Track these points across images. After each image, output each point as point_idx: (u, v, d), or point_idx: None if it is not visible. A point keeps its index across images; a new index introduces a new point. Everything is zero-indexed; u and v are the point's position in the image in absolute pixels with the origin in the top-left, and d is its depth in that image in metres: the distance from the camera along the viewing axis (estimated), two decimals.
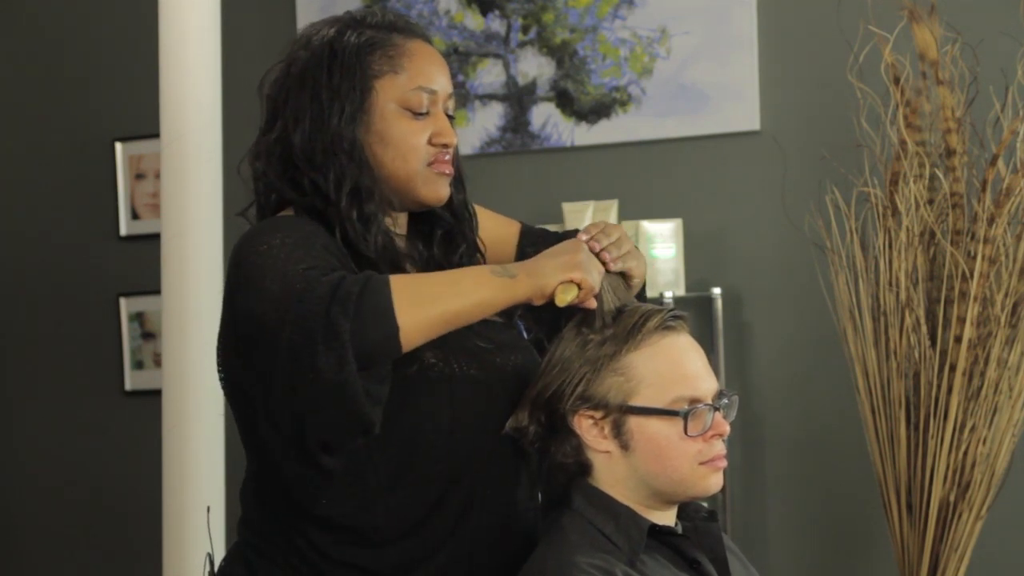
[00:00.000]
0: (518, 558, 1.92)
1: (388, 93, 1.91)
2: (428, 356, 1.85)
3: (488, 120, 3.90)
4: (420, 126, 1.92)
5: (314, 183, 1.89)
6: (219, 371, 1.92)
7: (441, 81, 1.95)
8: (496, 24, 3.89)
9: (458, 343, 1.88)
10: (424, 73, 1.93)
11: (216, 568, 2.00)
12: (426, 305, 1.75)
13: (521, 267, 1.82)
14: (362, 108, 1.90)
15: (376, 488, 1.85)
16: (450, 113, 1.97)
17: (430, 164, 1.93)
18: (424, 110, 1.92)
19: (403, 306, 1.73)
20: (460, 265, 2.00)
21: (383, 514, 1.86)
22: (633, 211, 3.70)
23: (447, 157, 1.95)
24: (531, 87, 3.86)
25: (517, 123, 3.87)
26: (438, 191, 1.95)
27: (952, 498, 3.13)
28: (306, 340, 1.70)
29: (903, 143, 3.16)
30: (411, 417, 1.83)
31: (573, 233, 2.05)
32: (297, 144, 1.90)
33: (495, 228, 2.13)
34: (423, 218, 2.01)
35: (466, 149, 3.90)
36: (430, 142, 1.93)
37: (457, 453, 1.88)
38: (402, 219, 1.99)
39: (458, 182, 2.02)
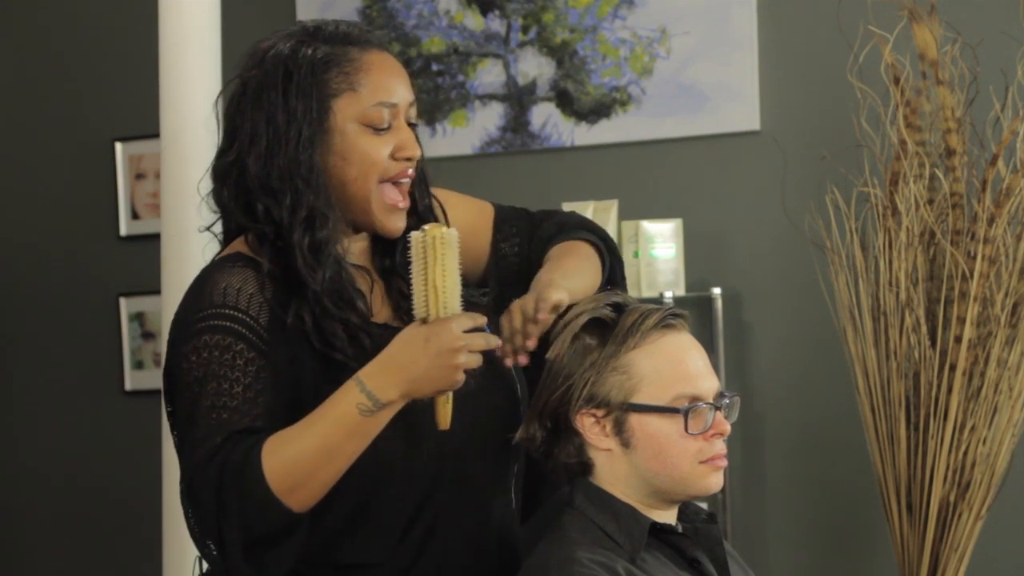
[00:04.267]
0: (493, 569, 1.92)
1: (347, 112, 1.87)
2: None
3: (488, 120, 3.90)
4: (382, 141, 1.88)
5: (268, 210, 1.86)
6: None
7: (401, 92, 1.90)
8: (496, 24, 3.89)
9: None
10: (383, 87, 1.88)
11: (204, 570, 2.00)
12: (309, 482, 1.75)
13: (396, 387, 1.76)
14: (321, 129, 1.86)
15: (335, 530, 1.85)
16: (412, 121, 1.93)
17: (393, 181, 1.89)
18: (385, 125, 1.88)
19: (286, 493, 1.75)
20: None
21: (348, 550, 1.86)
22: (633, 211, 3.70)
23: (410, 171, 1.91)
24: (531, 87, 3.86)
25: (517, 123, 3.87)
26: (393, 225, 1.91)
27: (952, 498, 3.13)
28: (202, 544, 1.80)
29: (903, 143, 3.16)
30: (365, 457, 1.80)
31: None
32: (252, 169, 1.86)
33: (466, 217, 2.06)
34: None
35: (466, 149, 3.90)
36: (392, 156, 1.89)
37: (417, 483, 1.86)
38: (362, 232, 1.95)
39: (423, 187, 1.98)
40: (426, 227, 1.79)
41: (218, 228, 2.00)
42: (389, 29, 3.96)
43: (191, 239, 3.32)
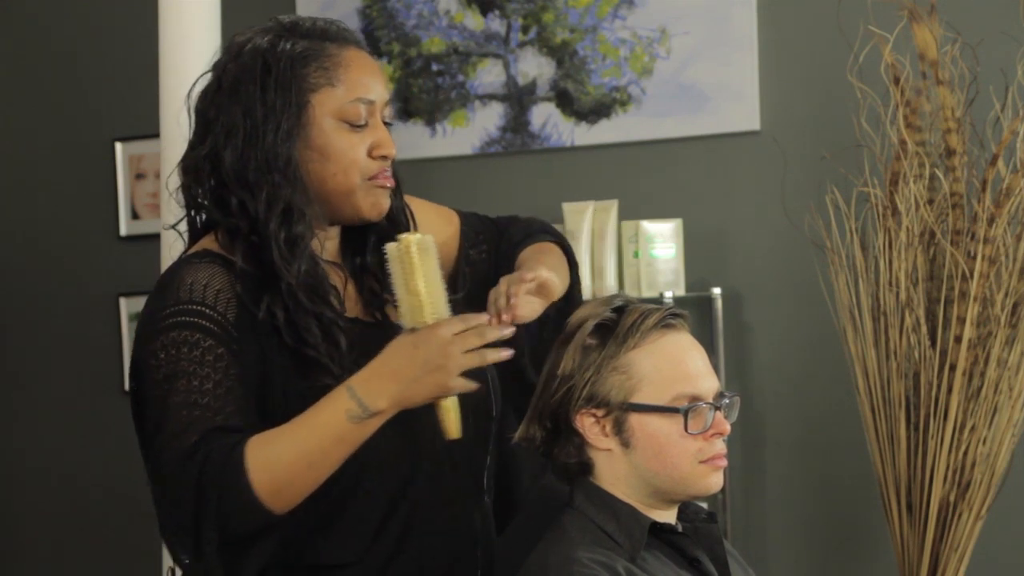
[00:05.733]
0: (471, 569, 1.93)
1: (325, 107, 1.87)
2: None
3: (488, 120, 3.90)
4: (359, 139, 1.88)
5: (242, 203, 1.86)
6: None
7: (378, 89, 1.91)
8: (496, 24, 3.89)
9: (376, 355, 1.86)
10: (361, 84, 1.89)
11: None
12: (293, 485, 1.75)
13: (386, 395, 1.76)
14: (299, 123, 1.86)
15: (308, 530, 1.85)
16: (387, 120, 1.93)
17: (372, 178, 1.90)
18: (362, 122, 1.88)
19: (270, 495, 1.74)
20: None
21: (322, 550, 1.86)
22: (633, 211, 3.70)
23: (388, 172, 1.92)
24: (531, 87, 3.86)
25: (517, 123, 3.87)
26: (379, 204, 1.92)
27: (952, 498, 3.13)
28: (177, 542, 1.78)
29: (903, 143, 3.16)
30: None
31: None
32: (228, 162, 1.86)
33: (435, 225, 2.07)
34: (357, 226, 1.97)
35: (466, 149, 3.90)
36: (370, 154, 1.89)
37: (391, 481, 1.86)
38: (334, 230, 1.96)
39: (396, 189, 1.98)
40: (400, 236, 1.79)
41: (182, 227, 2.00)
42: (389, 29, 3.96)
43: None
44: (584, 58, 3.81)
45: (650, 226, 3.59)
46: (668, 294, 3.55)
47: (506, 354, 1.79)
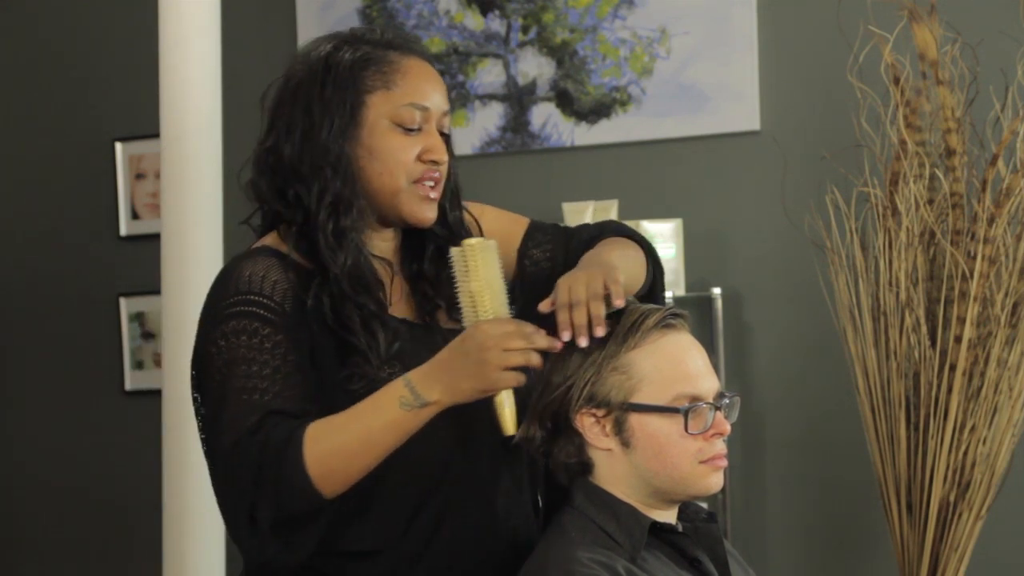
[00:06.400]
0: (507, 565, 1.93)
1: (380, 108, 1.93)
2: (383, 376, 1.87)
3: (488, 120, 3.90)
4: (410, 142, 1.94)
5: (297, 195, 1.93)
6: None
7: (435, 99, 1.96)
8: (496, 24, 3.89)
9: (418, 353, 1.89)
10: (418, 90, 1.95)
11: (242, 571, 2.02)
12: (343, 470, 1.81)
13: (437, 386, 1.81)
14: (353, 122, 1.93)
15: (346, 513, 1.87)
16: (445, 131, 1.98)
17: (417, 181, 1.94)
18: (416, 126, 1.94)
19: (321, 478, 1.79)
20: (449, 279, 2.00)
21: (356, 536, 1.88)
22: (633, 211, 3.70)
23: (436, 174, 1.96)
24: (531, 87, 3.86)
25: (517, 123, 3.87)
26: (423, 213, 1.96)
27: (952, 498, 3.13)
28: (234, 518, 1.83)
29: (903, 143, 3.17)
30: None
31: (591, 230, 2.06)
32: (286, 155, 1.94)
33: (499, 226, 2.12)
34: (416, 232, 2.01)
35: (466, 149, 3.90)
36: (419, 158, 1.94)
37: (426, 468, 1.89)
38: (389, 233, 2.00)
39: (453, 199, 2.03)
40: (463, 241, 1.88)
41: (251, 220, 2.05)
42: (389, 29, 3.96)
43: (191, 239, 3.33)
44: (584, 58, 3.81)
45: (650, 226, 3.59)
46: (668, 294, 3.55)
47: (558, 344, 1.84)
